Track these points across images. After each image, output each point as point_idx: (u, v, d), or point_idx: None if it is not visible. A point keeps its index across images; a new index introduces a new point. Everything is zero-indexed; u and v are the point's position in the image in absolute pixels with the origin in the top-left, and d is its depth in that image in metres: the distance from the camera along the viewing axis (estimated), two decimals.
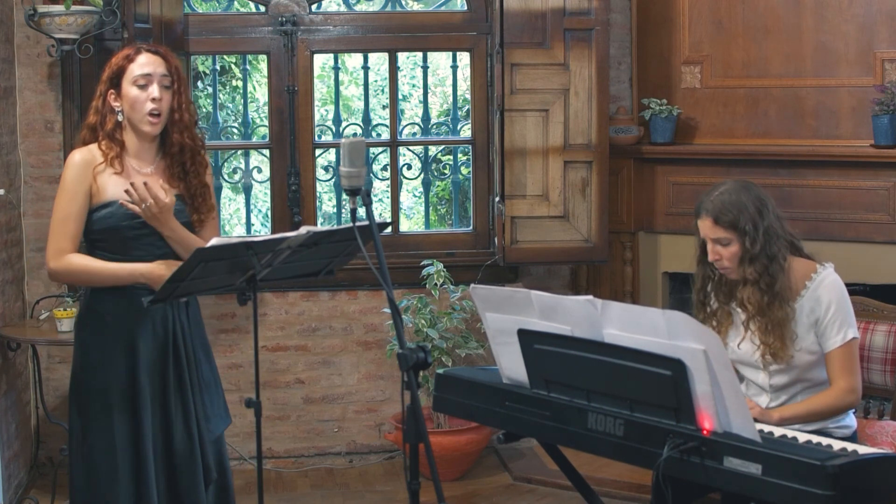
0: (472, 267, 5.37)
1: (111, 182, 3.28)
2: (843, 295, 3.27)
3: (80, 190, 3.26)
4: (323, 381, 5.42)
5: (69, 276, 3.36)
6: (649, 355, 2.66)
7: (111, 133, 3.30)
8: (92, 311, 3.33)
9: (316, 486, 5.14)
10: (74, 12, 4.65)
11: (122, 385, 3.28)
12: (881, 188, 4.75)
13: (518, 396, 3.01)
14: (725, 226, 3.23)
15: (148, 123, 3.29)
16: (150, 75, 3.28)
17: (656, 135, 5.27)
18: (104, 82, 3.34)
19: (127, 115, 3.30)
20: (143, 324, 3.30)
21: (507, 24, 5.01)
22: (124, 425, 3.28)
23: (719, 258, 3.28)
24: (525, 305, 2.94)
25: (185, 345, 3.37)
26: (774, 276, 3.23)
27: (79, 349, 3.36)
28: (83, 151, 3.31)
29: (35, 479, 5.02)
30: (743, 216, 3.22)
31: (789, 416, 3.23)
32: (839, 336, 3.22)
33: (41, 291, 5.06)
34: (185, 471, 3.33)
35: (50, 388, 5.17)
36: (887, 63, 4.78)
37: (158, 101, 3.28)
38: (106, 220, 3.27)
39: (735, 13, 5.13)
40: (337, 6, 6.04)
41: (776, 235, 3.25)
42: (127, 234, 3.27)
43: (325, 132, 5.73)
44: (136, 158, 3.33)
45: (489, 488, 5.02)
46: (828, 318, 3.23)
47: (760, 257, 3.22)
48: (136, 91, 3.27)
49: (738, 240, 3.23)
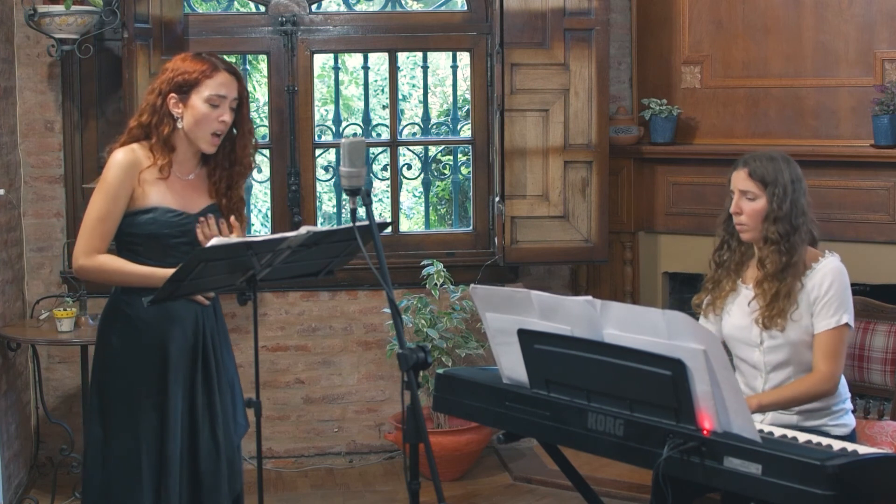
0: (472, 267, 5.37)
1: (156, 188, 3.23)
2: (843, 281, 3.31)
3: (123, 192, 3.20)
4: (323, 381, 5.42)
5: (100, 274, 3.27)
6: (649, 355, 2.66)
7: (167, 138, 3.23)
8: (121, 313, 3.28)
9: (316, 486, 5.14)
10: (74, 12, 4.65)
11: (151, 388, 3.24)
12: (881, 188, 4.75)
13: (518, 396, 3.01)
14: (757, 179, 3.33)
15: (208, 143, 3.25)
16: (225, 97, 3.22)
17: (656, 135, 5.27)
18: (168, 83, 3.23)
19: (187, 126, 3.23)
20: (173, 325, 3.27)
21: (507, 24, 5.01)
22: (150, 429, 3.23)
23: (740, 212, 3.36)
24: (525, 305, 2.94)
25: (214, 347, 3.35)
26: (795, 246, 3.30)
27: (105, 351, 3.30)
28: (127, 151, 3.23)
29: (35, 479, 5.02)
30: (778, 178, 3.31)
31: (767, 402, 3.27)
32: (832, 318, 3.26)
33: (41, 291, 5.06)
34: (210, 475, 3.29)
35: (50, 388, 5.17)
36: (887, 63, 4.78)
37: (226, 125, 3.24)
38: (148, 226, 3.22)
39: (735, 13, 5.13)
40: (337, 6, 6.04)
41: (802, 212, 3.33)
42: (167, 242, 3.24)
43: (325, 132, 5.73)
44: (179, 165, 3.28)
45: (489, 488, 5.02)
46: (825, 300, 3.27)
47: (784, 221, 3.29)
48: (207, 108, 3.20)
49: (765, 197, 3.30)
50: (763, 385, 3.35)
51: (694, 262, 5.27)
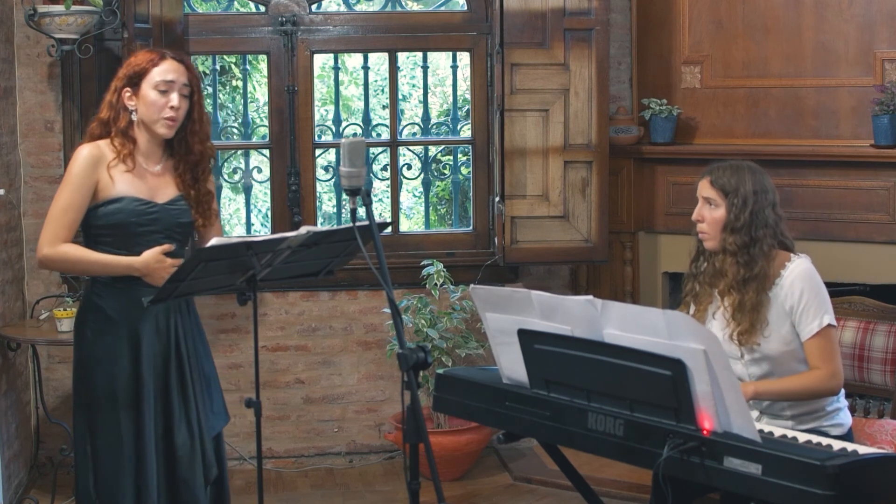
0: (472, 267, 5.37)
1: (122, 178, 3.30)
2: (814, 282, 3.27)
3: (86, 183, 3.28)
4: (323, 381, 5.42)
5: (62, 263, 3.38)
6: (649, 355, 2.66)
7: (125, 130, 3.33)
8: (93, 306, 3.34)
9: (316, 486, 5.14)
10: (74, 12, 4.65)
11: (127, 380, 3.30)
12: (881, 188, 4.75)
13: (518, 396, 3.02)
14: (718, 188, 3.31)
15: (164, 126, 3.32)
16: (173, 82, 3.31)
17: (656, 135, 5.27)
18: (121, 79, 3.35)
19: (142, 115, 3.32)
20: (146, 318, 3.32)
21: (507, 24, 5.00)
22: (129, 421, 3.29)
23: (701, 220, 3.35)
24: (525, 305, 2.94)
25: (187, 340, 3.39)
26: (754, 258, 3.26)
27: (82, 345, 3.36)
28: (92, 147, 3.32)
29: (35, 479, 5.02)
30: (739, 188, 3.29)
31: (764, 390, 3.25)
32: (815, 323, 3.23)
33: (41, 291, 5.06)
34: (186, 467, 3.34)
35: (50, 388, 5.17)
36: (887, 63, 4.78)
37: (176, 110, 3.30)
38: (115, 216, 3.28)
39: (735, 13, 5.13)
40: (337, 6, 6.04)
41: (764, 223, 3.28)
42: (134, 230, 3.29)
43: (325, 132, 5.73)
44: (144, 157, 3.36)
45: (489, 488, 5.02)
46: (801, 306, 3.24)
47: (741, 232, 3.27)
48: (156, 95, 3.30)
49: (725, 206, 3.29)
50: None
51: None
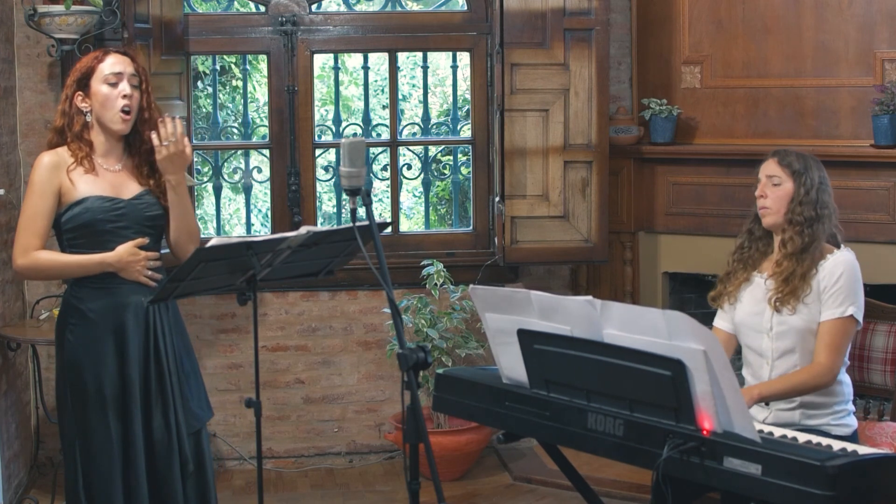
0: (472, 267, 5.37)
1: (83, 180, 3.32)
2: (854, 272, 3.37)
3: (49, 189, 3.30)
4: (323, 381, 5.42)
5: (37, 271, 3.41)
6: (649, 355, 2.66)
7: (79, 134, 3.35)
8: (74, 308, 3.35)
9: (316, 486, 5.14)
10: (74, 12, 4.65)
11: (114, 379, 3.30)
12: (881, 188, 4.75)
13: (518, 396, 3.01)
14: (785, 166, 3.43)
15: (120, 121, 3.33)
16: (121, 73, 3.34)
17: (656, 135, 5.27)
18: (70, 85, 3.38)
19: (97, 114, 3.34)
20: (127, 317, 3.32)
21: (507, 24, 5.00)
22: (116, 420, 3.30)
23: (764, 196, 3.43)
24: (525, 305, 2.94)
25: (165, 336, 3.38)
26: (816, 234, 3.38)
27: (64, 349, 3.36)
28: (51, 154, 3.35)
29: (35, 479, 5.02)
30: (807, 170, 3.43)
31: (768, 392, 3.32)
32: (839, 309, 3.30)
33: (41, 291, 5.06)
34: (163, 461, 3.34)
35: (50, 388, 5.14)
36: (887, 63, 4.78)
37: (129, 98, 3.33)
38: (81, 216, 3.29)
39: (735, 13, 5.13)
40: (337, 6, 6.04)
41: (826, 206, 3.42)
42: (103, 228, 3.30)
43: (325, 132, 5.73)
44: (103, 157, 3.38)
45: (489, 488, 5.02)
46: (834, 289, 3.32)
47: (809, 206, 3.38)
48: (108, 89, 3.32)
49: (791, 182, 3.40)
50: (769, 374, 3.39)
51: (694, 262, 5.27)
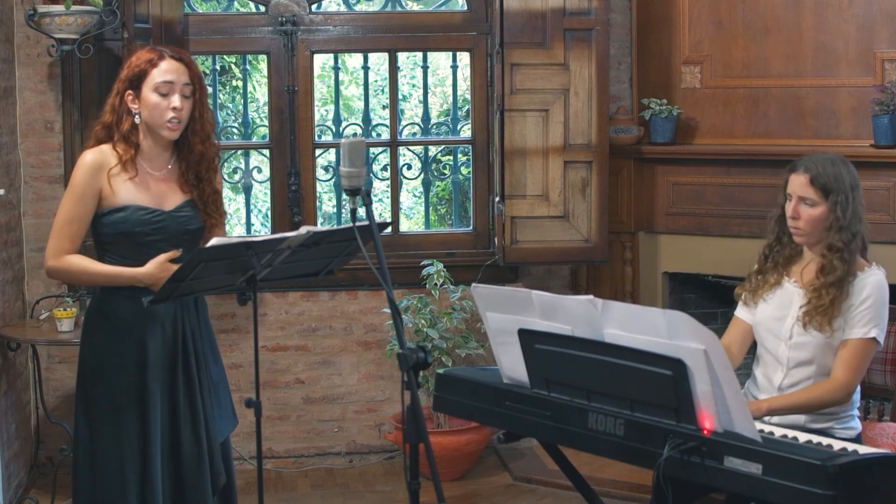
0: (472, 267, 5.37)
1: (124, 187, 3.24)
2: (882, 296, 3.31)
3: (90, 193, 3.22)
4: (323, 381, 5.42)
5: (67, 275, 3.36)
6: (650, 355, 2.66)
7: (127, 135, 3.25)
8: (102, 313, 3.29)
9: (316, 486, 5.14)
10: (74, 12, 4.65)
11: (132, 387, 3.25)
12: (881, 188, 4.75)
13: (518, 396, 3.01)
14: (819, 187, 3.29)
15: (167, 129, 3.24)
16: (173, 83, 3.22)
17: (656, 135, 5.27)
18: (122, 81, 3.27)
19: (145, 119, 3.25)
20: (153, 325, 3.27)
21: (507, 24, 5.01)
22: (133, 427, 3.24)
23: (797, 217, 3.33)
24: (526, 305, 2.94)
25: (195, 346, 3.34)
26: (853, 253, 3.31)
27: (88, 351, 3.32)
28: (95, 153, 3.26)
29: (35, 479, 5.02)
30: (839, 186, 3.28)
31: (778, 406, 3.27)
32: (863, 329, 3.26)
33: (41, 291, 5.06)
34: (192, 475, 3.29)
35: (50, 388, 5.17)
36: (887, 63, 4.78)
37: (179, 111, 3.23)
38: (119, 225, 3.23)
39: (735, 13, 5.13)
40: (337, 6, 6.04)
41: (860, 218, 3.33)
42: (140, 240, 3.23)
43: (325, 132, 5.73)
44: (148, 161, 3.29)
45: (489, 488, 5.02)
46: (860, 310, 3.27)
47: (847, 230, 3.29)
48: (157, 98, 3.22)
49: (825, 205, 3.28)
50: (782, 379, 3.35)
51: (694, 262, 5.27)
